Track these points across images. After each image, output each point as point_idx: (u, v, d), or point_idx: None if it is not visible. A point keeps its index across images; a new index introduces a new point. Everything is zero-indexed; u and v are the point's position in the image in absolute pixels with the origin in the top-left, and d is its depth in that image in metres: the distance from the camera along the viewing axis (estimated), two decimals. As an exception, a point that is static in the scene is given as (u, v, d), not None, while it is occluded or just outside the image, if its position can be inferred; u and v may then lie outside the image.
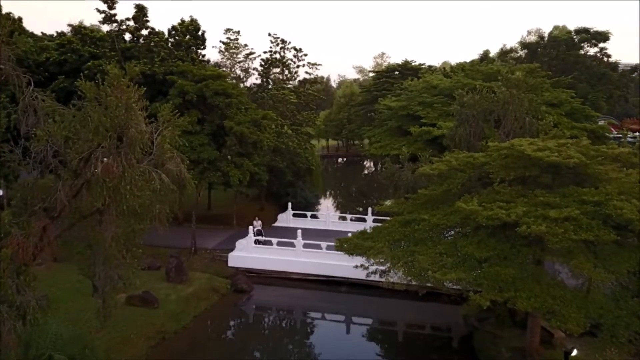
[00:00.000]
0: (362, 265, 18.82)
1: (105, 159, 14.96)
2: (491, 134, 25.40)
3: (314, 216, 39.44)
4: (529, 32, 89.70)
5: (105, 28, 34.23)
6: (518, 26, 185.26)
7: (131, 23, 32.66)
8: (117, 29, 32.36)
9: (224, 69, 47.20)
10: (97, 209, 16.46)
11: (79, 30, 31.17)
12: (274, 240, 30.75)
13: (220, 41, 47.02)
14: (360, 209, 59.87)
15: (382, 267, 18.34)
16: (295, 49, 47.30)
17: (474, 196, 18.47)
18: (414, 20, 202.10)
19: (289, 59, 47.57)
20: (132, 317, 22.61)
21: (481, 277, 14.87)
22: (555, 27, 75.19)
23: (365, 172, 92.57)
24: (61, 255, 26.72)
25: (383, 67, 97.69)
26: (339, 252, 21.30)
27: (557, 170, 18.20)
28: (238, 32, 46.40)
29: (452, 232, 18.78)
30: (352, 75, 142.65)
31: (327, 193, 66.73)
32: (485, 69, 43.17)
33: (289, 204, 39.57)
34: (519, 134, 24.16)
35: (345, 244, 19.97)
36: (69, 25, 31.16)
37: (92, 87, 13.84)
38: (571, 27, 67.40)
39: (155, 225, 17.98)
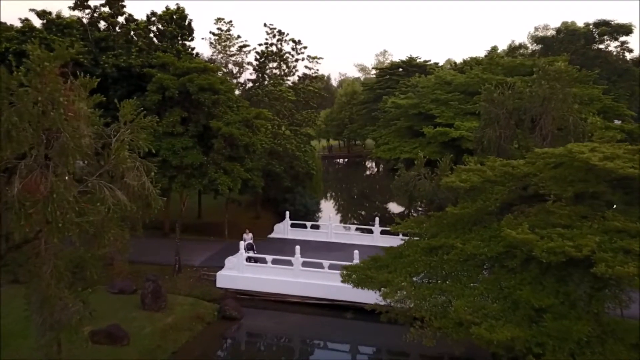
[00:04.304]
0: (377, 305, 14.82)
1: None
2: (524, 135, 21.48)
3: (314, 226, 35.46)
4: (536, 29, 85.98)
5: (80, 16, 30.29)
6: (518, 25, 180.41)
7: (107, 9, 28.66)
8: (90, 15, 28.36)
9: (218, 64, 43.10)
10: (33, 237, 12.62)
11: (43, 15, 27.19)
12: (269, 257, 26.80)
13: (211, 32, 42.89)
14: (363, 213, 56.58)
15: (402, 305, 14.35)
16: (293, 41, 43.20)
17: (517, 216, 14.56)
18: (414, 18, 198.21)
19: (286, 52, 43.52)
20: (95, 357, 18.66)
21: (543, 334, 10.89)
22: (564, 23, 71.35)
23: (368, 173, 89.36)
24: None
25: (385, 64, 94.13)
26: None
27: (623, 185, 14.28)
28: (230, 22, 42.32)
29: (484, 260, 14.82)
30: (354, 73, 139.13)
31: (329, 196, 63.12)
32: (505, 62, 39.12)
33: (287, 212, 35.66)
34: (560, 137, 20.26)
35: (354, 274, 16.03)
36: (31, 10, 26.98)
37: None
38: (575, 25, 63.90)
39: (111, 254, 14.25)
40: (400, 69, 73.36)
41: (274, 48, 42.88)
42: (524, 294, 11.73)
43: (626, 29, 54.43)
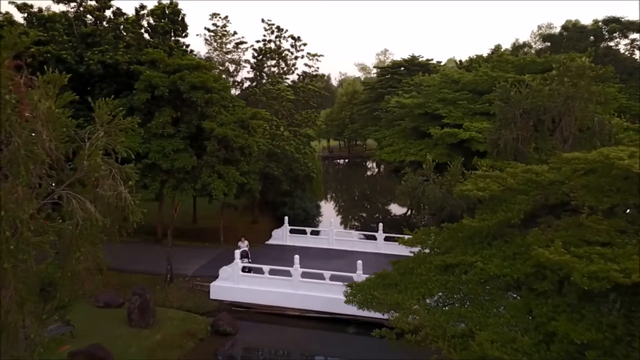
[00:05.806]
0: (385, 331, 13.07)
1: None
2: (543, 137, 19.77)
3: (314, 232, 33.77)
4: (540, 27, 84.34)
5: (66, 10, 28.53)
6: (518, 25, 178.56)
7: (93, 2, 26.93)
8: (75, 9, 26.62)
9: (214, 62, 41.34)
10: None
11: (23, 8, 25.43)
12: (266, 267, 25.11)
13: (206, 28, 41.07)
14: (365, 215, 54.92)
15: (416, 336, 12.58)
16: (292, 38, 41.43)
17: (544, 230, 12.82)
18: (415, 17, 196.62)
19: (285, 50, 41.72)
20: (72, 383, 17.02)
21: (586, 376, 9.17)
22: (568, 22, 69.64)
23: (369, 173, 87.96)
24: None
25: (387, 63, 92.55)
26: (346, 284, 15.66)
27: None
28: (226, 18, 40.53)
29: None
30: (354, 73, 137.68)
31: (329, 198, 61.52)
32: (515, 60, 37.28)
33: (286, 217, 33.97)
34: (583, 139, 18.56)
35: (359, 294, 14.29)
36: (11, 2, 25.27)
37: None
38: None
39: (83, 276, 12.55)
40: (402, 68, 71.80)
41: (272, 45, 41.13)
42: (560, 326, 10.00)
43: (637, 26, 52.65)
